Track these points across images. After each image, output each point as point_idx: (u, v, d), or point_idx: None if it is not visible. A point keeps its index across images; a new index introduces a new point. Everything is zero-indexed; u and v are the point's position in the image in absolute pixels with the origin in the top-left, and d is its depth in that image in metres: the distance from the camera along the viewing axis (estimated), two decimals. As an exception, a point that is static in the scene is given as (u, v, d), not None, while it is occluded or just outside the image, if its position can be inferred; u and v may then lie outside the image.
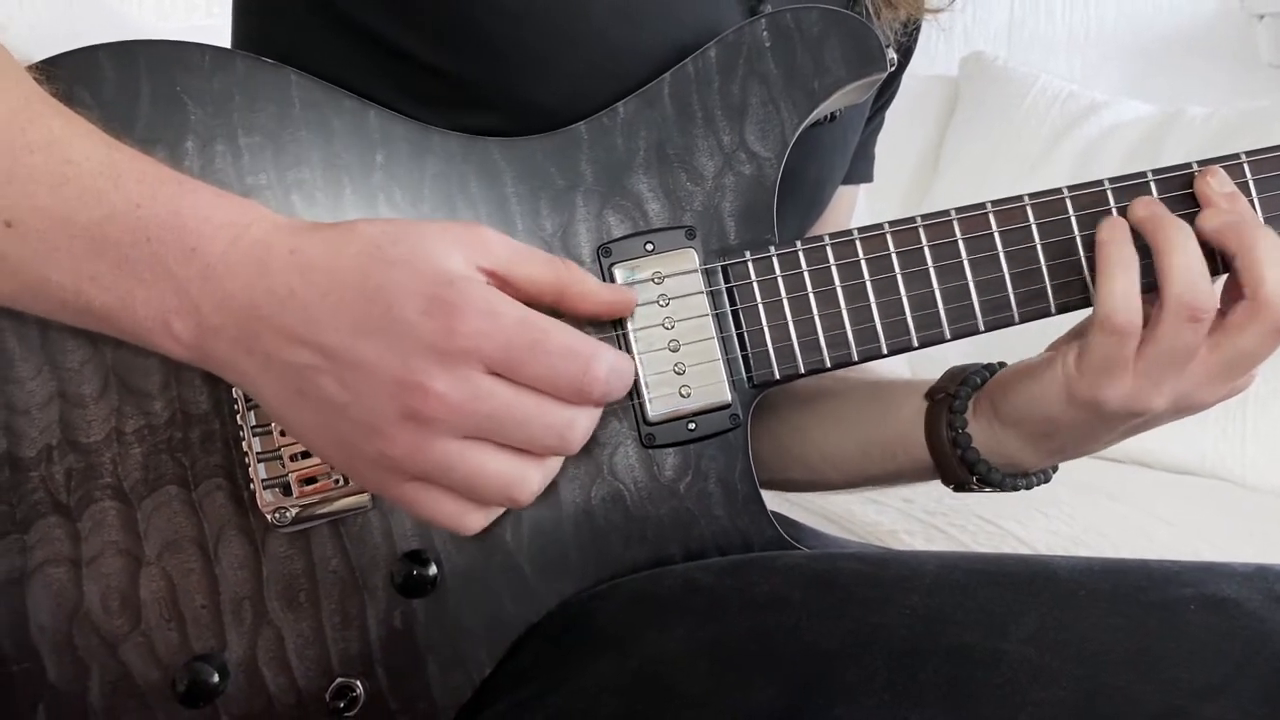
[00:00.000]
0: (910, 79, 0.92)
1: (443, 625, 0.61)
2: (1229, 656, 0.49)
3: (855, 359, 0.65)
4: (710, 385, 0.63)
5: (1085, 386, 0.63)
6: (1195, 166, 0.66)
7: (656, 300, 0.63)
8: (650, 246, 0.64)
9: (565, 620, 0.61)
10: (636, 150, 0.65)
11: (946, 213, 0.65)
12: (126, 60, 0.60)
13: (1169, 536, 1.18)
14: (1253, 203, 0.65)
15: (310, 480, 0.59)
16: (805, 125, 0.67)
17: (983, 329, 0.66)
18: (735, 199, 0.65)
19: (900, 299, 0.65)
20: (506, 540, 0.62)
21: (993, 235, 0.65)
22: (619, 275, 0.63)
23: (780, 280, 0.64)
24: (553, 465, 0.55)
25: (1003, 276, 0.65)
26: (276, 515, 0.59)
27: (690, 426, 0.63)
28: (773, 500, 0.66)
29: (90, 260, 0.52)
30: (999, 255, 0.65)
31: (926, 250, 0.65)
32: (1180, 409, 0.64)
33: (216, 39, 0.70)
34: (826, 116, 0.72)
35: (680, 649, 0.55)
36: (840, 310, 0.65)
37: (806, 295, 0.64)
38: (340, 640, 0.60)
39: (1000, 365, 0.72)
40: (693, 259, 0.64)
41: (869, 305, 0.65)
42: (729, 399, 0.64)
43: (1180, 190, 0.66)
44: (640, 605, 0.58)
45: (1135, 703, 0.47)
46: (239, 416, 0.60)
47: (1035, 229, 0.65)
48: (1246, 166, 0.66)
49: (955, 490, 0.72)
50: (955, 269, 0.65)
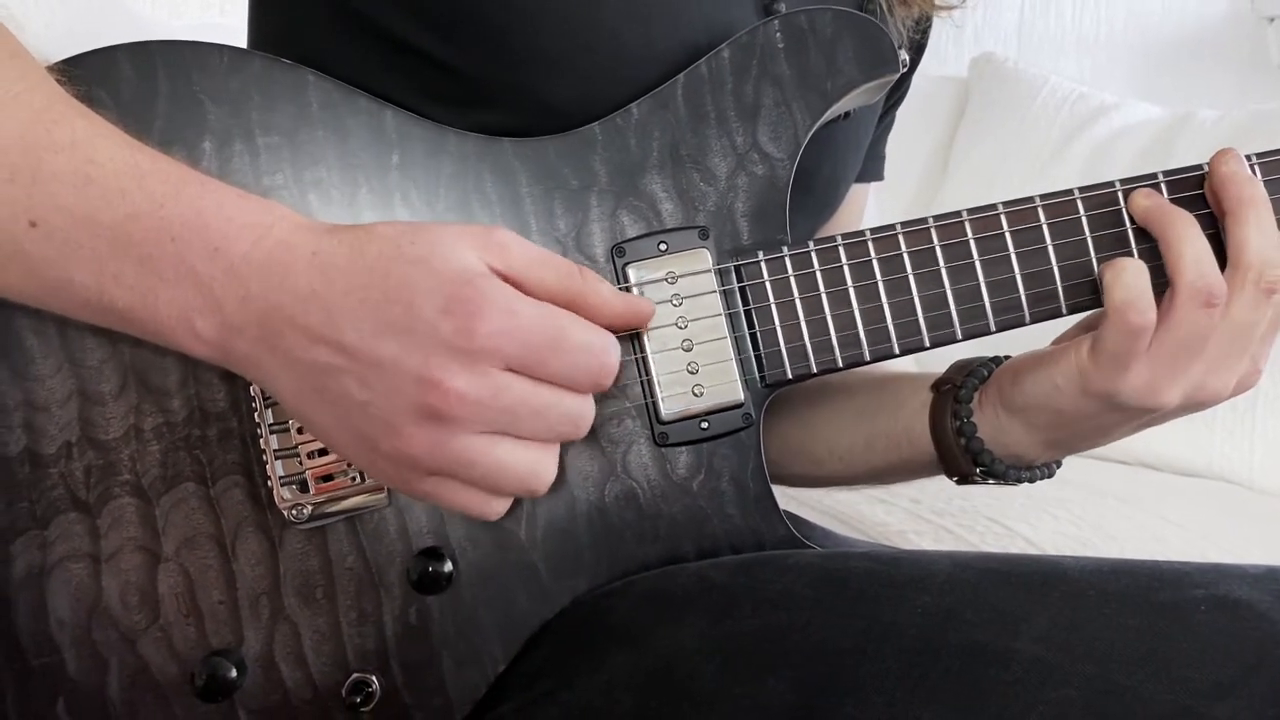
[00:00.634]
0: (920, 79, 0.92)
1: (458, 622, 0.61)
2: (1240, 657, 0.49)
3: (868, 359, 0.65)
4: (723, 384, 0.64)
5: (1099, 378, 0.63)
6: (1206, 169, 0.66)
7: (670, 300, 0.63)
8: (664, 246, 0.64)
9: (579, 617, 0.61)
10: (650, 151, 0.65)
11: (958, 213, 0.66)
12: (145, 61, 0.61)
13: (1177, 538, 1.18)
14: None
15: (327, 477, 0.60)
16: (818, 126, 0.67)
17: (994, 329, 0.66)
18: (748, 199, 0.66)
19: (913, 299, 0.65)
20: (521, 538, 0.62)
21: (1004, 236, 0.65)
22: (633, 275, 0.63)
23: (793, 280, 0.65)
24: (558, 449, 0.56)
25: (1014, 277, 0.65)
26: (294, 512, 0.60)
27: (703, 425, 0.64)
28: (783, 500, 0.66)
29: (113, 259, 0.52)
30: (1010, 256, 0.65)
31: (939, 250, 0.65)
32: (1191, 401, 0.64)
33: (229, 37, 0.70)
34: (840, 115, 0.72)
35: (693, 646, 0.55)
36: (853, 310, 0.65)
37: (819, 295, 0.65)
38: (356, 636, 0.61)
39: (1007, 358, 0.72)
40: (706, 259, 0.64)
41: (881, 305, 0.65)
42: (742, 398, 0.64)
43: (1192, 191, 0.66)
44: (654, 602, 0.59)
45: (1146, 702, 0.48)
46: (256, 414, 0.60)
47: (1047, 229, 0.66)
48: (1257, 169, 0.67)
49: (959, 483, 0.72)
50: (967, 269, 0.65)
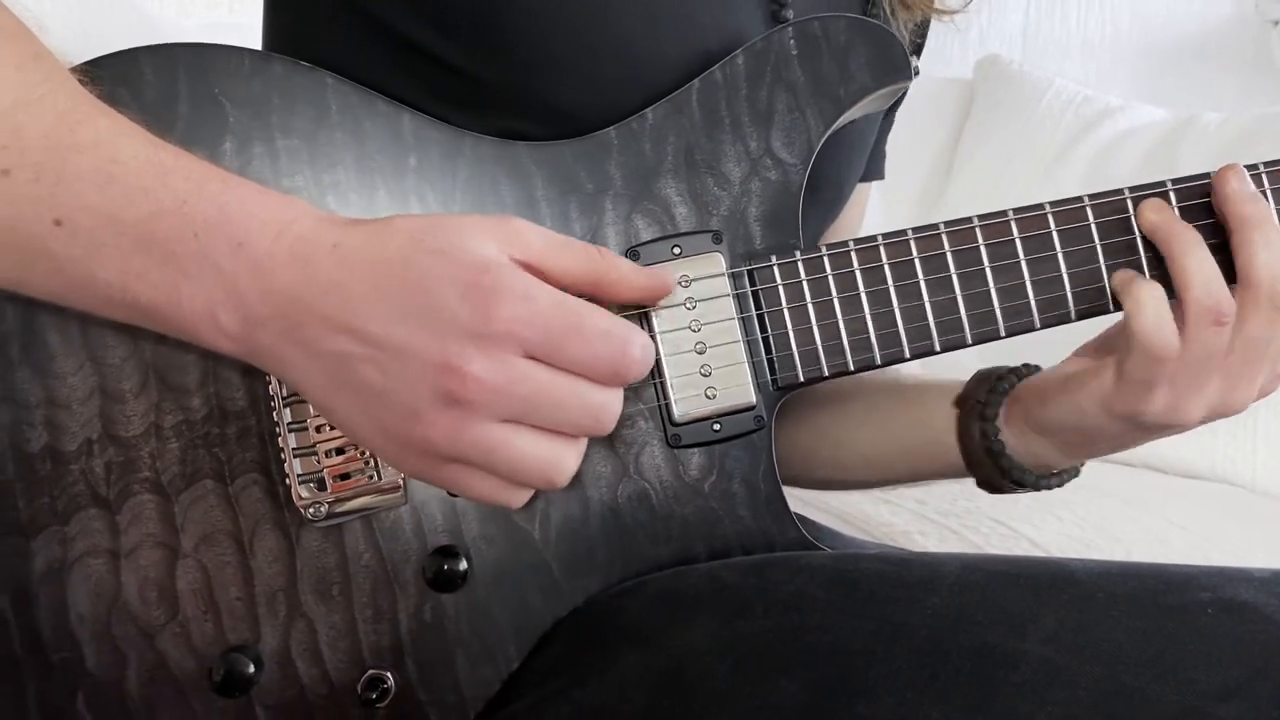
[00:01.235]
0: (925, 81, 0.93)
1: (472, 620, 0.62)
2: (1246, 660, 0.49)
3: (879, 362, 0.66)
4: (735, 387, 0.64)
5: (1124, 403, 0.65)
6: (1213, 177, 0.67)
7: (684, 303, 0.64)
8: (678, 250, 0.65)
9: (592, 616, 0.62)
10: (665, 155, 0.66)
11: (969, 219, 0.66)
12: (166, 63, 0.61)
13: (1180, 540, 1.18)
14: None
15: (345, 475, 0.61)
16: (830, 132, 0.68)
17: (1004, 334, 0.67)
18: (761, 204, 0.66)
19: (923, 304, 0.66)
20: (535, 537, 0.63)
21: (1014, 242, 0.66)
22: (647, 279, 0.64)
23: (805, 284, 0.65)
24: (584, 445, 0.56)
25: (1024, 283, 0.66)
26: (311, 510, 0.60)
27: (715, 427, 0.65)
28: (791, 501, 0.67)
29: (137, 256, 0.52)
30: (1021, 262, 0.66)
31: (949, 256, 0.66)
32: (1215, 414, 0.65)
33: (238, 35, 0.70)
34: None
35: (705, 645, 0.56)
36: (864, 315, 0.65)
37: (831, 300, 0.65)
38: (372, 633, 0.61)
39: (1026, 368, 0.73)
40: (719, 263, 0.65)
41: (892, 310, 0.66)
42: (754, 401, 0.65)
43: (1199, 199, 0.66)
44: (666, 602, 0.59)
45: (1153, 704, 0.48)
46: (275, 412, 0.61)
47: (1056, 236, 0.66)
48: (1265, 177, 0.67)
49: (990, 492, 0.74)
50: (977, 275, 0.66)
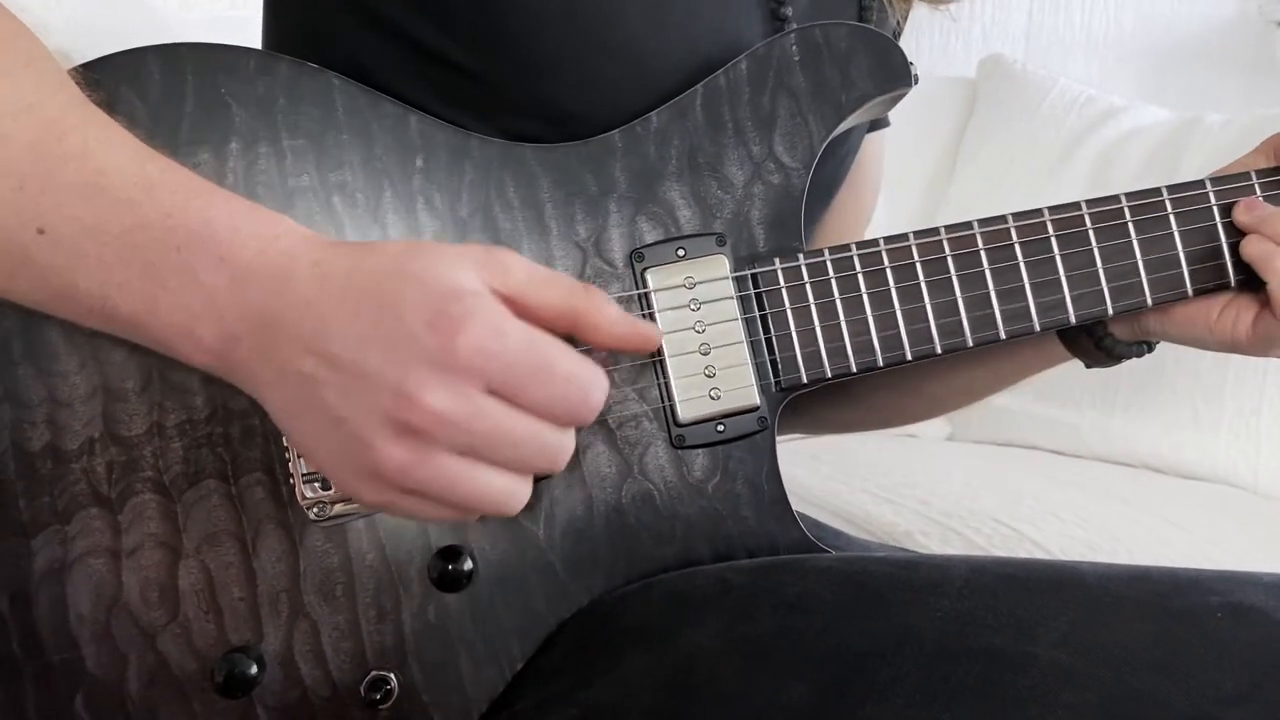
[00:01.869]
0: (928, 80, 0.93)
1: (476, 620, 0.62)
2: (1255, 664, 0.50)
3: (880, 364, 0.66)
4: (739, 389, 0.64)
5: (1250, 348, 0.70)
6: (1208, 184, 0.69)
7: (688, 305, 0.64)
8: (682, 252, 0.65)
9: (597, 617, 0.62)
10: (669, 159, 0.66)
11: (969, 224, 0.67)
12: (173, 62, 0.61)
13: (1182, 541, 1.18)
14: None
15: (348, 477, 0.60)
16: (832, 137, 0.68)
17: (1004, 337, 0.67)
18: (764, 207, 0.67)
19: (924, 306, 0.66)
20: (539, 538, 0.63)
21: (1014, 246, 0.67)
22: (651, 280, 0.64)
23: (808, 287, 0.65)
24: (531, 478, 0.54)
25: (1023, 286, 0.67)
26: (315, 510, 0.60)
27: (719, 428, 0.65)
28: (794, 501, 0.67)
29: (119, 268, 0.52)
30: (1020, 265, 0.67)
31: (950, 259, 0.66)
32: None
33: (241, 29, 0.70)
34: None
35: (713, 646, 0.56)
36: (866, 317, 0.66)
37: (833, 302, 0.66)
38: (375, 633, 0.61)
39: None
40: (723, 265, 0.65)
41: (894, 312, 0.66)
42: (757, 402, 0.65)
43: (1200, 205, 0.68)
44: (673, 603, 0.59)
45: (1163, 707, 0.48)
46: (278, 413, 0.61)
47: (1055, 241, 0.67)
48: (1257, 186, 0.68)
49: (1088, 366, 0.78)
50: (977, 278, 0.67)
